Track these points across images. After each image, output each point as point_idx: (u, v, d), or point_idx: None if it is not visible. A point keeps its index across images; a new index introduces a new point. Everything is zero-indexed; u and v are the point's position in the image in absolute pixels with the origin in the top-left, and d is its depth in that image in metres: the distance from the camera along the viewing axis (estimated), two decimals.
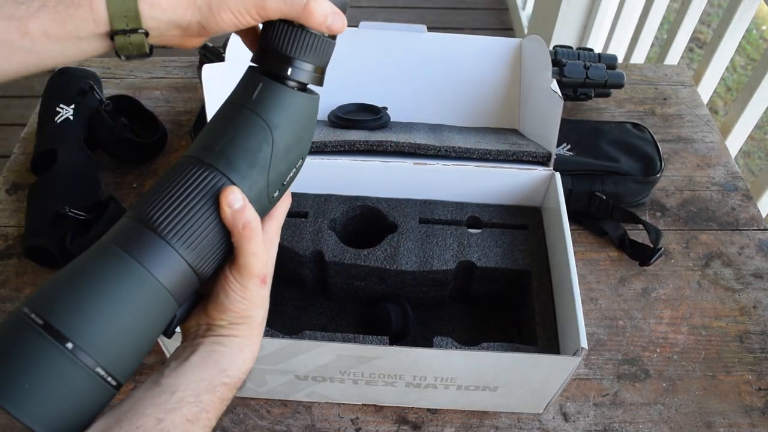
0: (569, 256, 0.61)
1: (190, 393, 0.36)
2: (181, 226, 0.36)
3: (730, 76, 2.23)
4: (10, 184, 0.85)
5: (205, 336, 0.40)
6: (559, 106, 0.67)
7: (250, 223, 0.38)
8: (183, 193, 0.37)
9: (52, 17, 0.35)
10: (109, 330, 0.33)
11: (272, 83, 0.39)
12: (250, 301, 0.40)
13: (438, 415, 0.66)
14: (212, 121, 0.40)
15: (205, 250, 0.37)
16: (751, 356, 0.71)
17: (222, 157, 0.37)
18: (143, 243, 0.35)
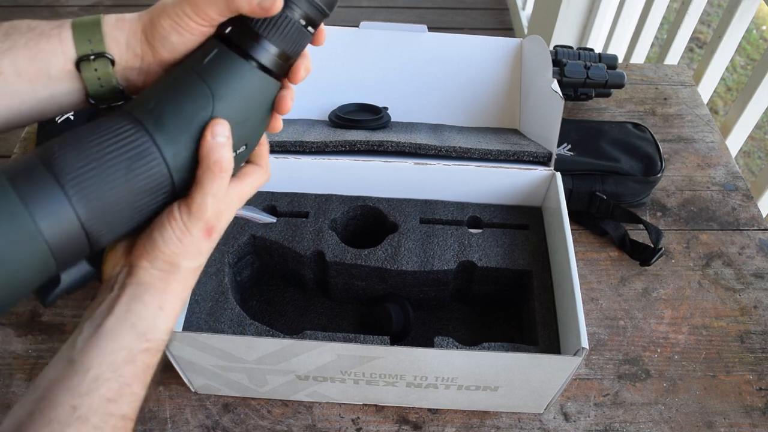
0: (570, 256, 0.61)
1: (107, 368, 0.33)
2: (84, 178, 0.32)
3: (730, 76, 2.23)
4: None
5: (123, 285, 0.36)
6: (559, 106, 0.67)
7: (222, 162, 0.35)
8: (98, 143, 0.33)
9: (22, 53, 0.35)
10: None
11: (229, 53, 0.36)
12: (185, 247, 0.36)
13: (439, 415, 0.66)
14: (158, 80, 0.37)
15: (105, 213, 0.33)
16: (752, 356, 0.71)
17: (152, 115, 0.34)
18: (34, 181, 0.31)
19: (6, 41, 0.35)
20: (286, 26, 0.36)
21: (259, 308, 0.73)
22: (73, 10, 2.33)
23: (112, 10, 2.34)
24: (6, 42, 0.35)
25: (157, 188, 0.35)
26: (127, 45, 0.37)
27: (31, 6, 2.35)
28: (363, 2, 2.41)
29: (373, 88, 0.81)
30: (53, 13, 2.32)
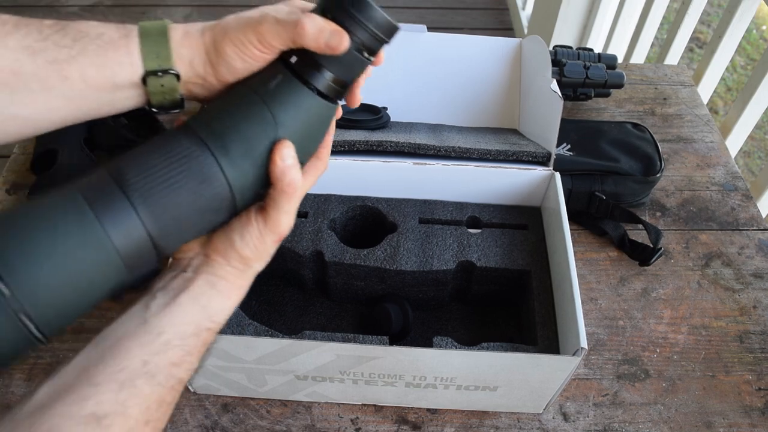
0: (569, 256, 0.61)
1: (176, 336, 0.36)
2: (152, 193, 0.34)
3: (730, 76, 2.23)
4: (10, 184, 0.85)
5: (199, 271, 0.39)
6: (559, 106, 0.67)
7: (294, 182, 0.38)
8: (164, 160, 0.35)
9: (91, 61, 0.36)
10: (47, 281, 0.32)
11: (292, 80, 0.37)
12: (260, 253, 0.40)
13: (438, 415, 0.66)
14: (222, 98, 0.38)
15: (171, 225, 0.35)
16: (751, 356, 0.71)
17: (218, 138, 0.36)
18: (107, 198, 0.33)
19: (75, 46, 0.36)
20: (346, 56, 0.37)
21: (258, 308, 0.73)
22: (74, 10, 2.33)
23: (112, 10, 2.33)
24: (75, 47, 0.36)
25: (220, 206, 0.37)
26: (191, 63, 0.38)
27: (31, 6, 2.35)
28: None
29: (373, 87, 0.80)
30: (53, 13, 2.32)
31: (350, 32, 0.37)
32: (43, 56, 0.35)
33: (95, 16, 2.35)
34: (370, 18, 0.37)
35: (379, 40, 0.38)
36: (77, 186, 0.34)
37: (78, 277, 0.33)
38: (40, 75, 0.36)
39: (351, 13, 0.36)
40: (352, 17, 0.36)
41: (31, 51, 0.35)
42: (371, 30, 0.37)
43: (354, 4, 0.36)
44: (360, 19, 0.37)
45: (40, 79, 0.36)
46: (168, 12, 2.34)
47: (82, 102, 0.37)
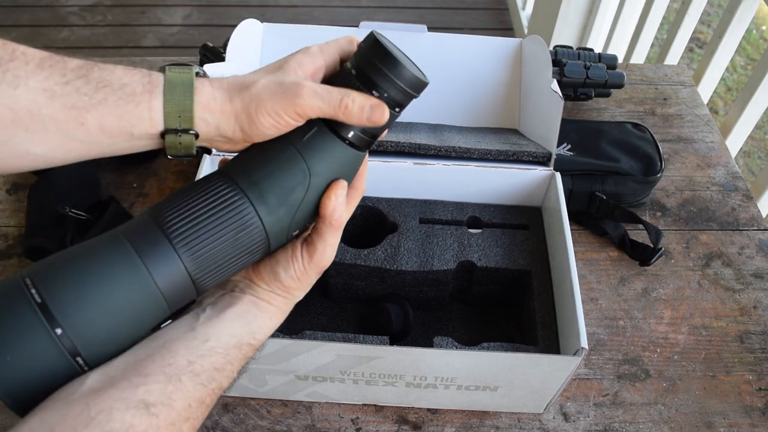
0: (569, 256, 0.61)
1: (221, 345, 0.39)
2: (193, 236, 0.37)
3: (730, 76, 2.23)
4: (10, 184, 0.85)
5: (244, 292, 0.42)
6: (559, 106, 0.67)
7: (341, 218, 0.40)
8: (205, 206, 0.37)
9: (110, 111, 0.36)
10: (98, 323, 0.34)
11: (326, 132, 0.39)
12: (302, 283, 0.42)
13: (438, 415, 0.66)
14: (259, 147, 0.40)
15: (210, 266, 0.38)
16: (752, 356, 0.71)
17: (256, 187, 0.38)
18: (150, 242, 0.36)
19: (96, 95, 0.36)
20: None
21: None
22: (74, 9, 2.33)
23: (112, 10, 2.33)
24: (96, 96, 0.36)
25: (256, 250, 0.40)
26: (217, 127, 0.38)
27: (31, 6, 2.35)
28: (363, 2, 2.41)
29: None
30: (53, 13, 2.32)
31: (381, 89, 0.39)
32: (61, 101, 0.35)
33: (95, 16, 2.35)
34: (400, 76, 0.38)
35: (408, 96, 0.40)
36: (123, 232, 0.37)
37: (124, 316, 0.35)
38: (57, 118, 0.36)
39: (383, 72, 0.38)
40: (384, 76, 0.38)
41: (51, 94, 0.35)
42: (401, 87, 0.39)
43: (386, 63, 0.38)
44: (391, 78, 0.38)
45: (57, 122, 0.36)
46: (168, 12, 2.34)
47: (96, 146, 0.38)
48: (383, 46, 0.38)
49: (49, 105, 0.35)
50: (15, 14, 2.33)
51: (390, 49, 0.38)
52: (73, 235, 0.73)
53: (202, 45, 0.93)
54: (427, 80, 0.40)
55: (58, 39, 2.23)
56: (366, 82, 0.39)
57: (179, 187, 0.88)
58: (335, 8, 2.38)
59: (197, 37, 2.24)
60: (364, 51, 0.39)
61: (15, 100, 0.35)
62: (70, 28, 2.28)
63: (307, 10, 2.37)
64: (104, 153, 0.39)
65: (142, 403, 0.33)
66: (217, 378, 0.38)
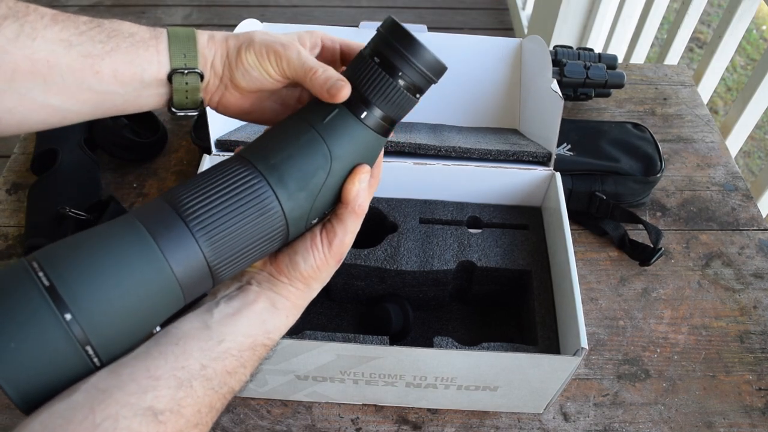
0: (569, 256, 0.61)
1: (235, 347, 0.37)
2: (211, 221, 0.35)
3: (730, 76, 2.23)
4: (10, 184, 0.85)
5: (261, 286, 0.40)
6: (559, 106, 0.67)
7: (364, 205, 0.39)
8: (223, 189, 0.35)
9: (122, 58, 0.38)
10: (109, 308, 0.32)
11: (347, 113, 0.38)
12: (321, 273, 0.41)
13: (438, 415, 0.66)
14: (277, 129, 0.39)
15: (228, 252, 0.36)
16: (752, 356, 0.71)
17: (275, 171, 0.37)
18: (168, 227, 0.34)
19: (109, 42, 0.38)
20: (394, 95, 0.38)
21: None
22: (74, 10, 2.33)
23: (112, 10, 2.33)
24: (109, 43, 0.38)
25: (275, 237, 0.38)
26: (212, 64, 0.40)
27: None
28: (363, 2, 2.41)
29: None
30: None
31: (400, 71, 0.37)
32: (78, 49, 0.37)
33: (94, 16, 2.35)
34: (420, 57, 0.37)
35: (428, 80, 0.39)
36: (137, 215, 0.34)
37: (138, 305, 0.33)
38: (74, 67, 0.37)
39: (402, 52, 0.37)
40: (403, 57, 0.37)
41: (68, 44, 0.37)
42: (420, 69, 0.38)
43: (405, 44, 0.37)
44: (410, 59, 0.37)
45: (73, 72, 0.37)
46: (168, 12, 2.34)
47: (109, 96, 0.39)
48: (403, 28, 0.37)
49: (66, 54, 0.37)
50: None
51: (410, 32, 0.37)
52: None
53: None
54: (446, 65, 0.38)
55: None
56: (385, 65, 0.37)
57: None
58: (335, 8, 2.38)
59: None
60: (383, 34, 0.38)
61: (34, 51, 0.36)
62: None
63: (307, 10, 2.37)
64: (116, 105, 0.40)
65: (150, 411, 0.32)
66: (229, 382, 0.37)
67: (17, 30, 0.36)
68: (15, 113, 0.38)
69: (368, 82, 0.38)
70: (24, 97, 0.37)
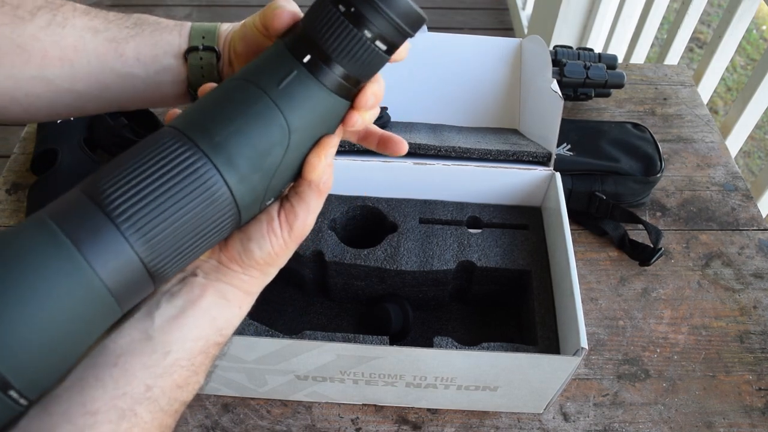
0: (569, 256, 0.61)
1: (185, 356, 0.33)
2: (144, 215, 0.28)
3: (730, 76, 2.23)
4: (10, 184, 0.85)
5: (208, 277, 0.35)
6: (559, 106, 0.67)
7: (329, 182, 0.35)
8: (157, 175, 0.29)
9: (146, 41, 0.40)
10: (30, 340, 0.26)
11: (306, 75, 0.32)
12: (279, 258, 0.36)
13: (438, 415, 0.66)
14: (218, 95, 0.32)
15: (168, 250, 0.30)
16: (752, 356, 0.71)
17: (222, 150, 0.30)
18: (88, 225, 0.28)
19: (134, 29, 0.40)
20: (361, 50, 0.32)
21: (259, 308, 0.72)
22: None
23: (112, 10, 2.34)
24: (134, 29, 0.40)
25: (223, 226, 0.32)
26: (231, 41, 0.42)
27: None
28: None
29: None
30: None
31: (368, 21, 0.31)
32: (104, 35, 0.39)
33: None
34: (392, 4, 0.31)
35: (402, 32, 0.32)
36: (49, 213, 0.28)
37: (65, 327, 0.27)
38: (99, 51, 0.39)
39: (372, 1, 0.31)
40: (371, 3, 0.31)
41: (95, 31, 0.39)
42: (392, 19, 0.31)
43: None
44: (380, 6, 0.31)
45: (98, 55, 0.39)
46: (168, 12, 2.34)
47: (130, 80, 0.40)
48: None
49: (93, 39, 0.39)
50: None
51: None
52: None
53: None
54: (424, 15, 0.32)
55: None
56: (350, 15, 0.31)
57: None
58: None
59: None
60: None
61: (63, 37, 0.38)
62: None
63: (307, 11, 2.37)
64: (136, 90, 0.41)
65: None
66: (179, 397, 0.33)
67: (49, 19, 0.38)
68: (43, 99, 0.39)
69: (330, 35, 0.31)
70: (51, 83, 0.39)
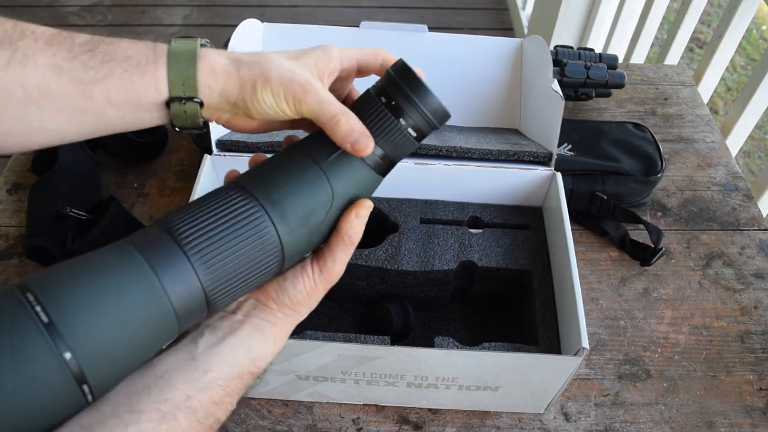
0: (570, 256, 0.61)
1: (222, 376, 0.37)
2: (208, 246, 0.34)
3: (730, 76, 2.23)
4: (11, 184, 0.85)
5: (248, 315, 0.40)
6: (560, 106, 0.67)
7: (356, 237, 0.40)
8: (222, 217, 0.35)
9: (116, 84, 0.37)
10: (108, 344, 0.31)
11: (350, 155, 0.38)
12: (311, 299, 0.41)
13: (439, 415, 0.66)
14: (278, 161, 0.38)
15: (224, 279, 0.35)
16: (752, 356, 0.71)
17: (277, 206, 0.36)
18: (163, 253, 0.33)
19: (102, 68, 0.37)
20: (397, 136, 0.38)
21: None
22: (74, 9, 2.33)
23: (112, 10, 2.32)
24: (102, 69, 0.37)
25: (270, 269, 0.37)
26: (221, 93, 0.39)
27: (31, 6, 2.34)
28: (363, 2, 2.41)
29: None
30: (53, 13, 2.32)
31: (405, 113, 0.38)
32: (69, 75, 0.36)
33: (95, 16, 2.35)
34: (426, 102, 0.37)
35: (431, 125, 0.39)
36: (132, 242, 0.33)
37: (135, 338, 0.32)
38: (66, 93, 0.37)
39: (409, 96, 0.37)
40: (409, 100, 0.37)
41: (59, 69, 0.36)
42: (425, 114, 0.38)
43: (413, 87, 0.37)
44: (417, 103, 0.37)
45: (66, 97, 0.37)
46: (168, 12, 2.34)
47: (106, 118, 0.38)
48: (413, 71, 0.37)
49: (57, 80, 0.36)
50: (15, 14, 2.30)
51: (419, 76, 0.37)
52: (74, 236, 0.73)
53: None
54: (449, 113, 0.39)
55: None
56: (391, 106, 0.38)
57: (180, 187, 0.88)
58: (335, 8, 2.38)
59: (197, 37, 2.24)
60: (392, 75, 0.38)
61: (25, 77, 0.36)
62: (69, 28, 2.28)
63: (307, 10, 2.37)
64: (115, 127, 0.39)
65: None
66: (214, 413, 0.36)
67: (9, 56, 0.36)
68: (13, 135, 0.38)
69: (373, 121, 0.38)
70: (20, 120, 0.37)
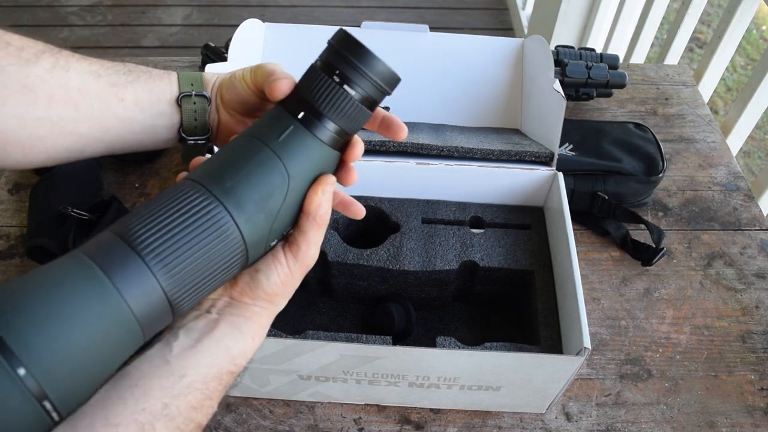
0: (572, 255, 0.61)
1: (199, 379, 0.36)
2: (166, 248, 0.32)
3: (730, 76, 2.23)
4: (12, 184, 0.85)
5: (223, 312, 0.39)
6: (561, 106, 0.67)
7: (326, 215, 0.39)
8: (177, 216, 0.33)
9: (142, 87, 0.44)
10: (66, 357, 0.29)
11: (303, 130, 0.37)
12: (286, 288, 0.40)
13: (441, 415, 0.66)
14: (227, 150, 0.37)
15: (187, 284, 0.34)
16: (754, 356, 0.71)
17: (231, 194, 0.35)
18: (119, 260, 0.31)
19: (130, 75, 0.44)
20: (348, 108, 0.37)
21: None
22: (74, 9, 2.33)
23: (112, 10, 2.33)
24: (131, 75, 0.44)
25: (234, 262, 0.36)
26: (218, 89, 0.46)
27: (31, 6, 2.34)
28: (363, 2, 2.41)
29: None
30: (53, 13, 2.32)
31: (352, 82, 0.37)
32: (105, 79, 0.43)
33: (95, 16, 2.35)
34: (372, 68, 0.37)
35: (382, 91, 0.38)
36: (85, 252, 0.32)
37: (96, 349, 0.31)
38: (102, 95, 0.42)
39: (354, 63, 0.36)
40: (355, 68, 0.37)
41: (97, 74, 0.43)
42: (373, 80, 0.37)
43: (357, 55, 0.36)
44: (363, 70, 0.37)
45: (101, 99, 0.42)
46: (168, 12, 2.34)
47: (129, 123, 0.44)
48: (355, 39, 0.36)
49: (96, 83, 0.42)
50: (15, 14, 2.32)
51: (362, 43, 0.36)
52: (75, 235, 0.73)
53: (203, 45, 0.93)
54: (399, 76, 0.38)
55: (58, 39, 2.23)
56: (338, 78, 0.37)
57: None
58: (335, 8, 2.38)
59: (197, 37, 2.24)
60: (334, 45, 0.37)
61: (68, 80, 0.41)
62: (69, 28, 2.28)
63: (307, 10, 2.37)
64: (134, 133, 0.44)
65: None
66: (195, 418, 0.36)
67: (53, 62, 0.41)
68: (46, 141, 0.42)
69: (321, 95, 0.37)
70: (56, 125, 0.41)
